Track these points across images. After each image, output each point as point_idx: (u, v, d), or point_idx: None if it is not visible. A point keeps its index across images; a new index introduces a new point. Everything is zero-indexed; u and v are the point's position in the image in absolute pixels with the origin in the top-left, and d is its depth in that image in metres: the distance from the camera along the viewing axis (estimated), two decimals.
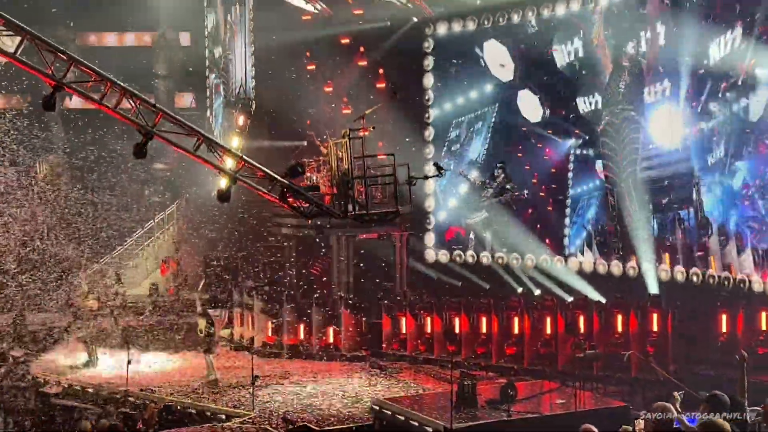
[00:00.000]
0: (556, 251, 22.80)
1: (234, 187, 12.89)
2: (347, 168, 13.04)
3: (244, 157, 13.05)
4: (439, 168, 14.03)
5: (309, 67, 27.89)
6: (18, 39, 11.67)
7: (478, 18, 24.19)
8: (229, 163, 12.84)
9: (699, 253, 19.18)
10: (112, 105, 12.29)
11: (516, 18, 23.47)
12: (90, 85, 12.29)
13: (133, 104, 12.21)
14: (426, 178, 14.90)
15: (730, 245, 18.35)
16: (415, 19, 25.55)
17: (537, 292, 22.20)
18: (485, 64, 24.15)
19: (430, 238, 25.43)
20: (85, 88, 12.33)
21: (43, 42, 11.64)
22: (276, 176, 12.95)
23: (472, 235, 24.54)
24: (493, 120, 24.15)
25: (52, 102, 11.94)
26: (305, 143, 25.00)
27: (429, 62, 25.36)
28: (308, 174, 23.90)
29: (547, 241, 23.01)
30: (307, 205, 13.47)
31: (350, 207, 13.22)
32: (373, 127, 13.83)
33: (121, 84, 12.25)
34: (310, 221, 17.40)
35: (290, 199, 13.27)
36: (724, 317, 17.91)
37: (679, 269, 19.81)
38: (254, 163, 13.05)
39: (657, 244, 20.32)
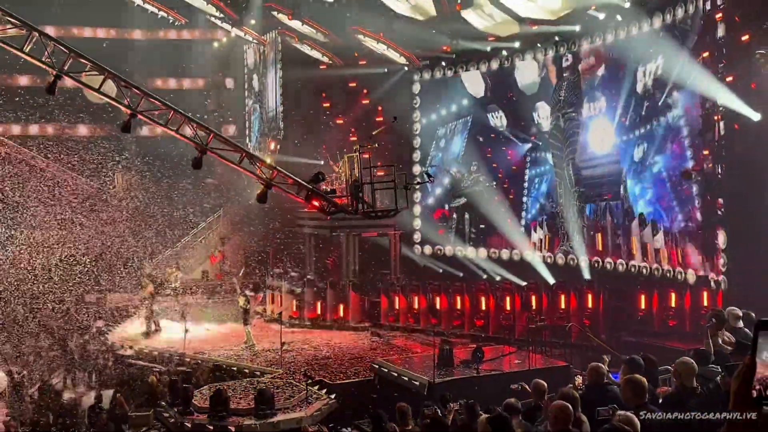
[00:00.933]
0: (516, 226, 22.99)
1: (269, 192, 12.81)
2: (358, 176, 12.88)
3: (277, 167, 12.96)
4: (428, 175, 13.93)
5: (325, 105, 27.92)
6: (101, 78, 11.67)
7: (453, 66, 24.35)
8: (266, 172, 12.75)
9: (622, 232, 19.42)
10: (175, 128, 12.27)
11: (483, 67, 23.58)
12: (158, 113, 12.27)
13: (191, 128, 12.19)
14: (419, 183, 14.59)
15: (647, 228, 18.45)
16: (406, 68, 25.58)
17: (497, 278, 22.22)
18: (463, 83, 24.27)
19: (417, 237, 25.48)
20: (154, 115, 12.31)
21: (121, 79, 11.66)
22: (303, 182, 12.84)
23: (455, 215, 24.71)
24: (469, 126, 24.28)
25: (128, 126, 11.95)
26: (321, 162, 25.00)
27: (417, 101, 25.44)
28: (323, 187, 23.95)
29: (508, 220, 23.07)
30: (327, 204, 13.29)
31: (360, 206, 13.01)
32: (378, 144, 13.70)
33: (182, 112, 12.23)
34: (330, 217, 17.10)
35: (314, 201, 13.11)
36: (642, 297, 17.87)
37: (608, 260, 19.88)
38: (285, 172, 12.95)
39: (593, 225, 20.54)
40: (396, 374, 15.49)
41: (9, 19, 10.79)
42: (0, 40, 10.89)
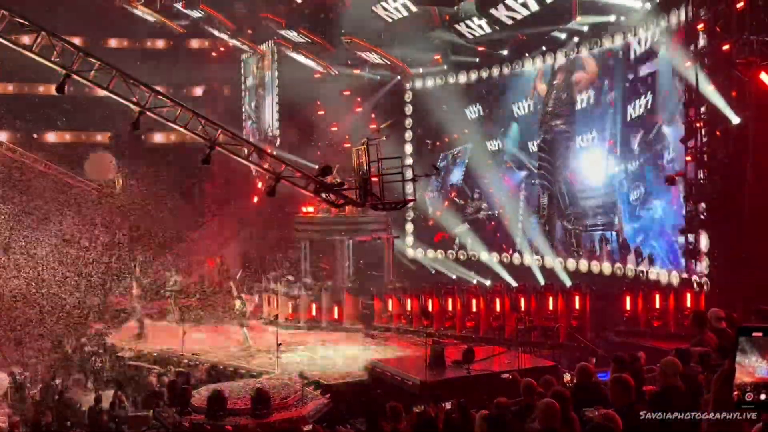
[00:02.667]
0: (510, 251, 22.94)
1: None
2: (366, 168, 12.18)
3: (285, 161, 12.67)
4: (436, 168, 13.22)
5: (320, 112, 27.95)
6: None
7: (444, 76, 24.41)
8: (274, 166, 12.44)
9: (619, 261, 19.34)
10: (183, 125, 12.12)
11: (473, 77, 23.63)
12: (166, 110, 12.11)
13: (200, 123, 12.05)
14: (426, 176, 13.49)
15: (644, 262, 18.39)
16: (398, 77, 25.65)
17: (487, 282, 22.25)
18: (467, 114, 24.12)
19: (409, 241, 25.51)
20: (162, 113, 12.13)
21: (130, 77, 11.55)
22: (311, 175, 12.53)
23: (457, 240, 24.54)
24: (468, 155, 24.19)
25: (138, 124, 11.80)
26: (316, 167, 24.95)
27: (408, 108, 25.50)
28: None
29: (503, 245, 23.10)
30: (335, 197, 12.72)
31: (368, 198, 12.32)
32: (386, 137, 13.18)
33: (191, 108, 12.11)
34: (338, 210, 15.71)
35: (322, 193, 12.70)
36: (628, 298, 17.89)
37: (595, 263, 19.94)
38: (294, 165, 12.69)
39: (590, 255, 20.43)
40: (389, 374, 15.47)
41: (19, 20, 10.67)
42: (9, 41, 10.76)
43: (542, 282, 20.85)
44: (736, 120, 14.23)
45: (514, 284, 21.11)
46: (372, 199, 12.23)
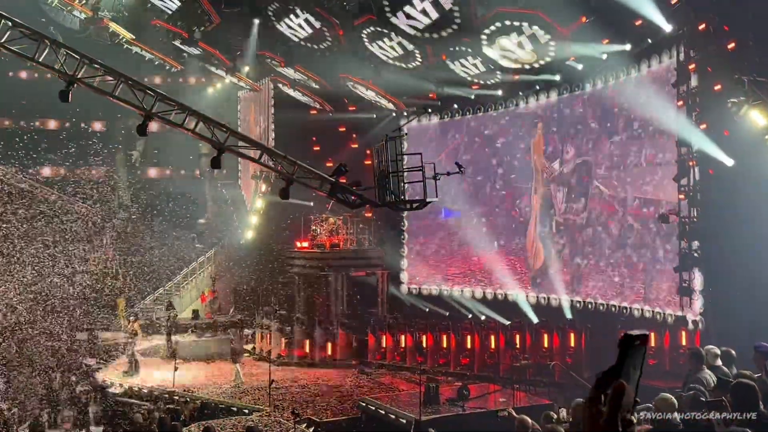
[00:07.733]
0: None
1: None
2: (386, 165, 11.73)
3: (298, 162, 12.35)
4: (459, 166, 12.70)
5: (315, 148, 28.05)
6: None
7: (440, 112, 24.63)
8: (287, 168, 12.14)
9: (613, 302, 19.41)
10: (191, 129, 11.87)
11: (469, 114, 23.89)
12: (173, 116, 11.78)
13: (209, 128, 11.79)
14: (448, 174, 12.84)
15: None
16: (394, 114, 25.84)
17: (482, 317, 22.12)
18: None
19: (404, 276, 25.41)
20: (169, 117, 11.86)
21: (135, 83, 11.39)
22: (325, 176, 12.21)
23: None
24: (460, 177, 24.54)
25: (144, 129, 11.60)
26: (311, 203, 24.98)
27: (404, 146, 25.64)
28: (313, 227, 23.89)
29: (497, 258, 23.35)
30: (354, 198, 12.20)
31: (387, 197, 11.81)
32: (406, 133, 12.80)
33: (198, 112, 11.88)
34: (353, 212, 14.98)
35: (338, 194, 12.30)
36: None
37: (590, 301, 19.88)
38: (307, 166, 12.37)
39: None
40: (382, 411, 15.28)
41: (20, 30, 10.61)
42: (12, 50, 10.70)
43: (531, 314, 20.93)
44: (729, 162, 14.33)
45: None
46: (391, 197, 11.73)
